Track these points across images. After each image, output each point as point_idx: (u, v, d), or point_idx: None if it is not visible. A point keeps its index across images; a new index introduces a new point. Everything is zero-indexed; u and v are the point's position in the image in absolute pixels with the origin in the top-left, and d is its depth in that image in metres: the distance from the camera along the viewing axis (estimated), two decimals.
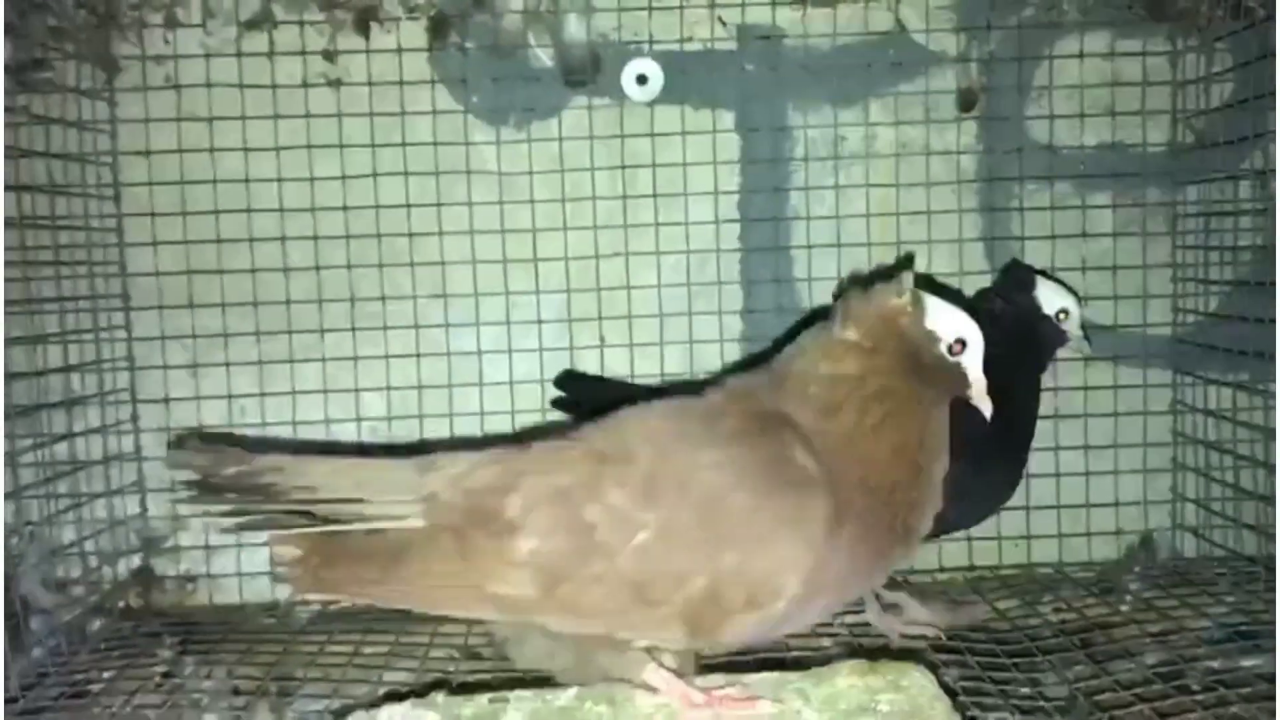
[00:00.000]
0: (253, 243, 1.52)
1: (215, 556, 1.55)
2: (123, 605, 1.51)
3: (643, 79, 1.53)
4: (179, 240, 1.51)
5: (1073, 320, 1.35)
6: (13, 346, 1.31)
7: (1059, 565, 1.56)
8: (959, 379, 0.98)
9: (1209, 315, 1.54)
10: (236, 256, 1.52)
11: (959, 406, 1.00)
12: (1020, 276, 1.39)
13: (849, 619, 1.34)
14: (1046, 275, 1.40)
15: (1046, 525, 1.56)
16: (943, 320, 0.98)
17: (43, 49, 1.43)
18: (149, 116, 1.50)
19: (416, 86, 1.53)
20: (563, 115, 1.55)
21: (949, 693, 0.89)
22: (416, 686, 1.18)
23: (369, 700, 1.10)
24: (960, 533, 1.47)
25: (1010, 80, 1.55)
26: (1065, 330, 1.35)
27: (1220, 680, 1.14)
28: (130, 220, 1.52)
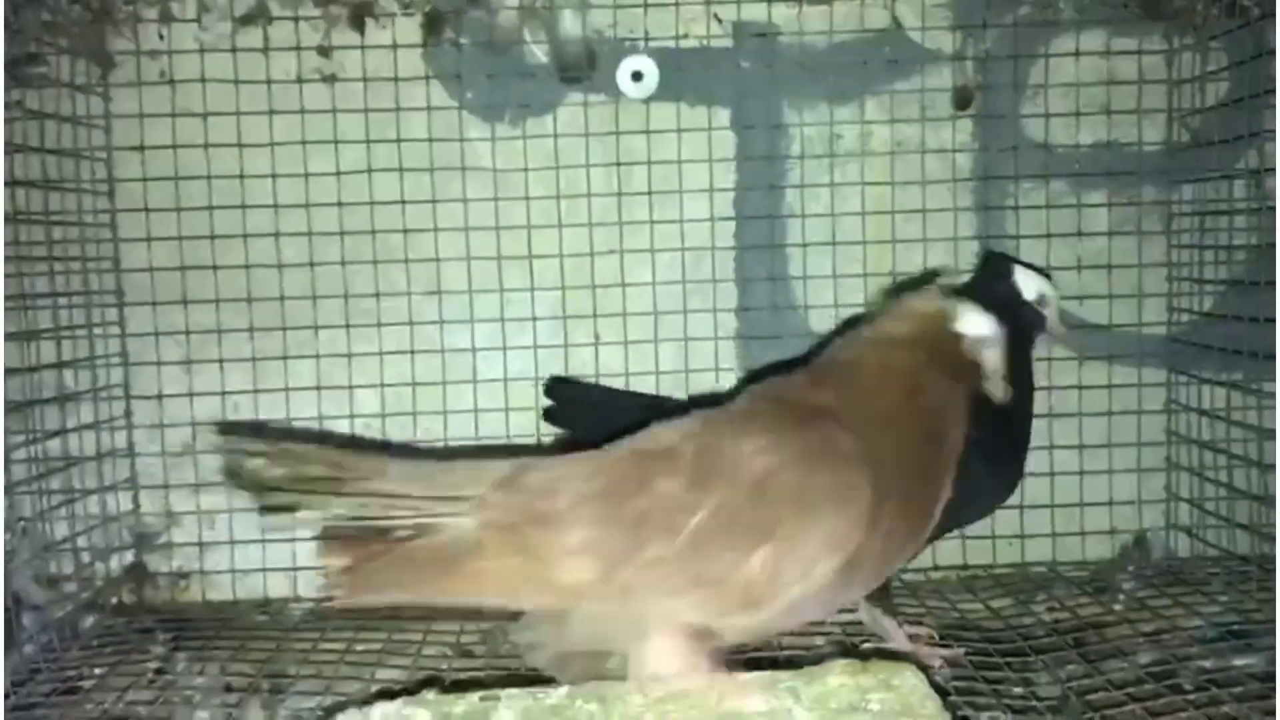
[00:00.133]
0: (247, 239, 1.51)
1: (208, 553, 1.55)
2: (115, 601, 1.51)
3: (638, 75, 1.53)
4: (173, 236, 1.51)
5: (1051, 305, 1.34)
6: (6, 342, 1.31)
7: (1052, 564, 1.55)
8: (979, 374, 1.08)
9: (1204, 314, 1.54)
10: (230, 252, 1.52)
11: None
12: (997, 265, 1.39)
13: (844, 617, 1.33)
14: (1022, 263, 1.39)
15: (1040, 524, 1.56)
16: (970, 321, 1.08)
17: (37, 44, 1.42)
18: (143, 112, 1.50)
19: (411, 82, 1.52)
20: (558, 112, 1.54)
21: (940, 692, 0.90)
22: (409, 684, 1.18)
23: (361, 698, 1.10)
24: (954, 531, 1.46)
25: (1006, 78, 1.55)
26: (1045, 315, 1.34)
27: (1213, 679, 1.14)
28: (124, 216, 1.51)
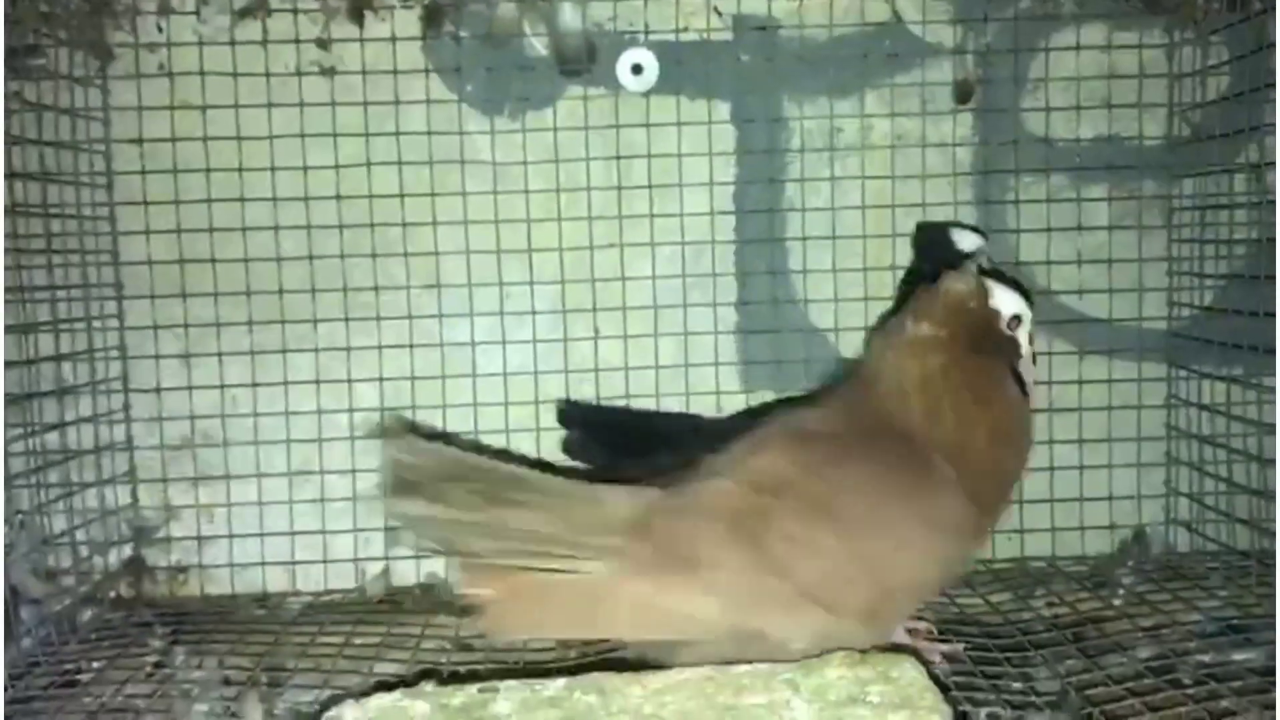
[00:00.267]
0: (246, 232, 1.51)
1: (207, 547, 1.55)
2: (113, 595, 1.51)
3: (638, 69, 1.52)
4: (171, 229, 1.50)
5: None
6: (4, 334, 1.30)
7: (1051, 559, 1.55)
8: (1014, 350, 1.13)
9: (1204, 309, 1.54)
10: (229, 245, 1.51)
11: None
12: (932, 236, 1.41)
13: None
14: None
15: (1039, 519, 1.56)
16: (1003, 299, 1.12)
17: (35, 35, 1.42)
18: (142, 104, 1.49)
19: (410, 75, 1.52)
20: (557, 105, 1.54)
21: (940, 685, 0.90)
22: (407, 677, 1.18)
23: (359, 690, 1.10)
24: None
25: (1006, 72, 1.55)
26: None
27: (1212, 674, 1.13)
28: (123, 209, 1.51)
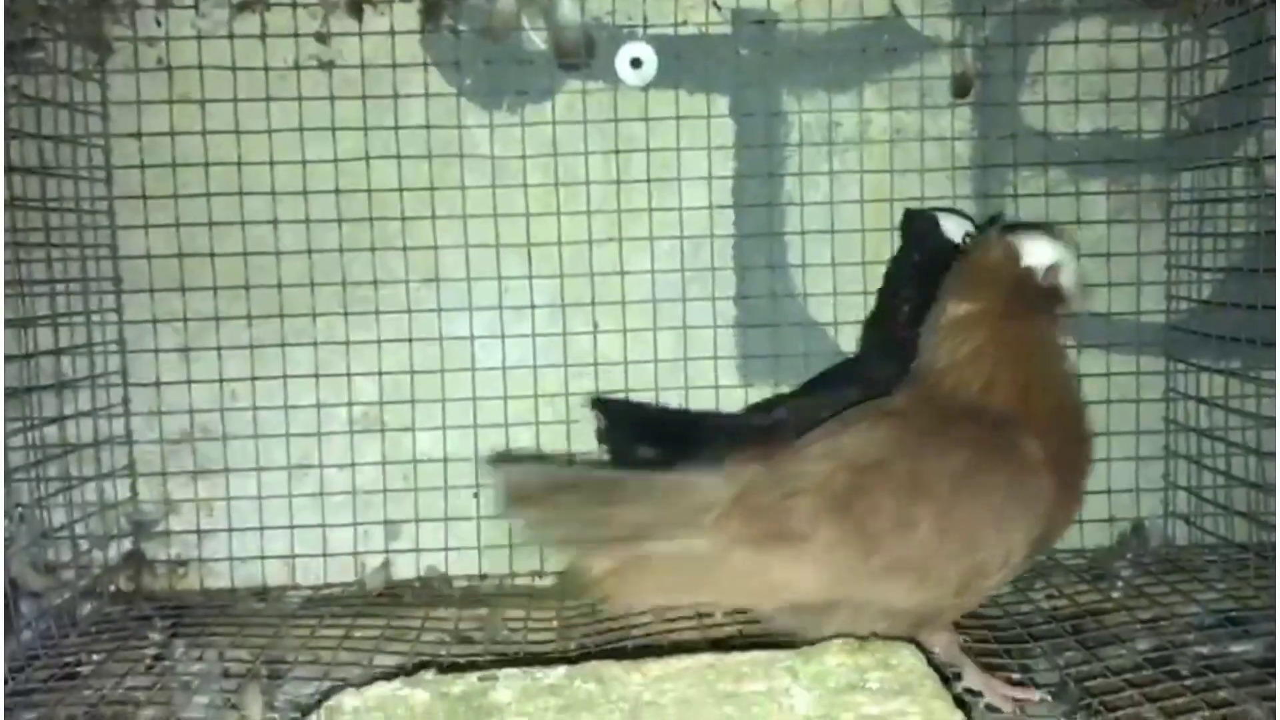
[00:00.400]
0: (244, 226, 1.51)
1: (206, 541, 1.55)
2: (113, 589, 1.51)
3: (637, 63, 1.53)
4: (170, 223, 1.51)
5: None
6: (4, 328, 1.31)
7: (1051, 552, 1.55)
8: (1059, 298, 1.12)
9: (1202, 302, 1.54)
10: (228, 239, 1.51)
11: None
12: (921, 225, 1.41)
13: None
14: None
15: None
16: (1036, 251, 1.11)
17: (33, 29, 1.42)
18: (140, 98, 1.49)
19: (409, 69, 1.52)
20: (556, 99, 1.54)
21: (939, 672, 0.90)
22: (407, 668, 1.18)
23: (359, 680, 1.10)
24: None
25: (1005, 66, 1.55)
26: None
27: (1210, 665, 1.14)
28: (121, 203, 1.51)
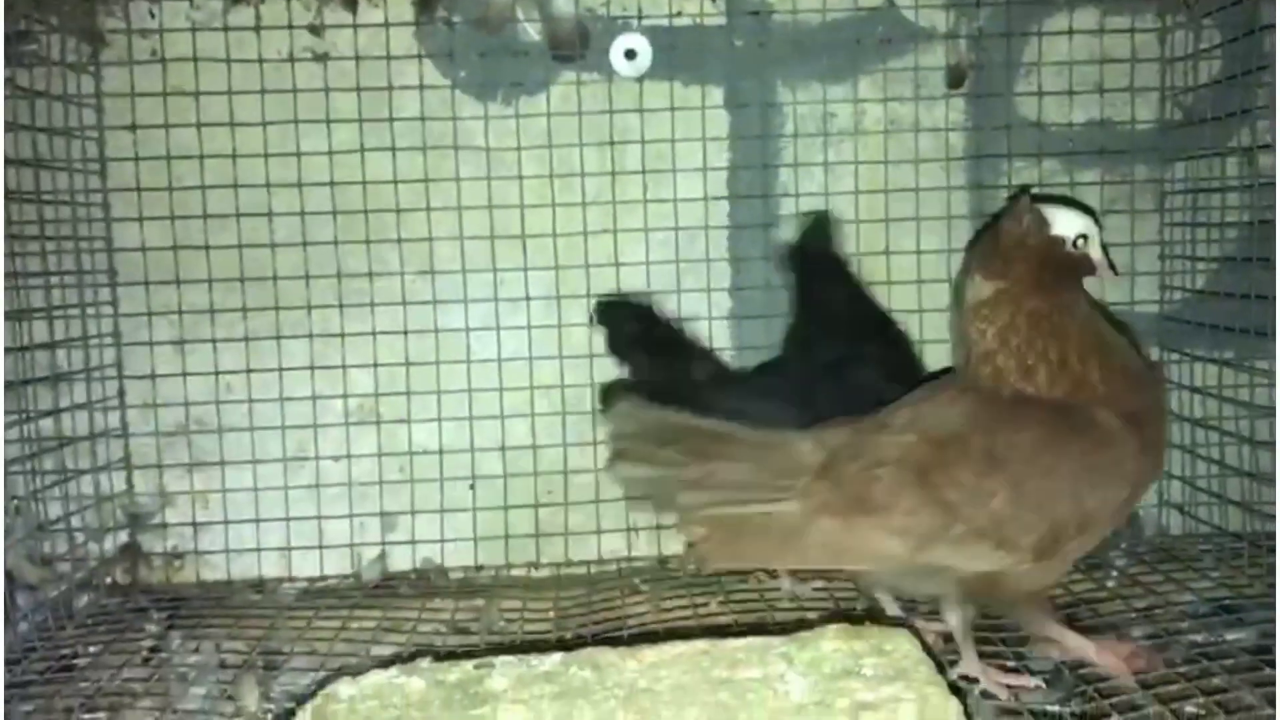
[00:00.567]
0: (239, 218, 1.51)
1: (202, 533, 1.55)
2: (109, 581, 1.51)
3: (631, 54, 1.53)
4: (165, 216, 1.51)
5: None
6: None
7: None
8: (1087, 266, 1.13)
9: (1196, 292, 1.54)
10: (223, 232, 1.51)
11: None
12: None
13: (837, 586, 1.36)
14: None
15: None
16: (1063, 222, 1.11)
17: (26, 21, 1.42)
18: (135, 91, 1.49)
19: (403, 61, 1.52)
20: (551, 90, 1.54)
21: (934, 658, 0.90)
22: (403, 659, 1.18)
23: (355, 669, 1.10)
24: None
25: (999, 57, 1.55)
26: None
27: (1204, 653, 1.15)
28: (116, 195, 1.51)
